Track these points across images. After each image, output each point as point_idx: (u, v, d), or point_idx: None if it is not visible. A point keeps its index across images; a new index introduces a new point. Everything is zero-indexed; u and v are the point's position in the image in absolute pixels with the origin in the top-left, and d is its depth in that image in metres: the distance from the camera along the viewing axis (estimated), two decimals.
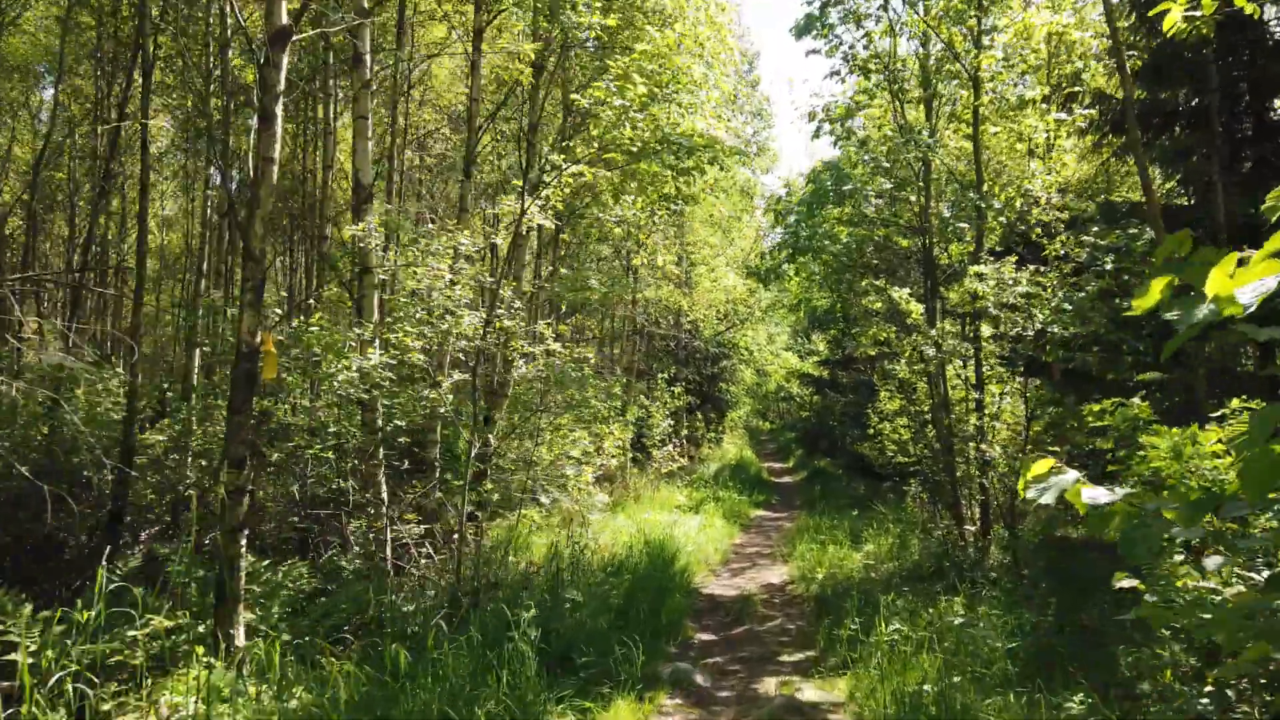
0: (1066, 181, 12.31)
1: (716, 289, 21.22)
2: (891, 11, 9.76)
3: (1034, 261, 7.80)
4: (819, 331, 24.22)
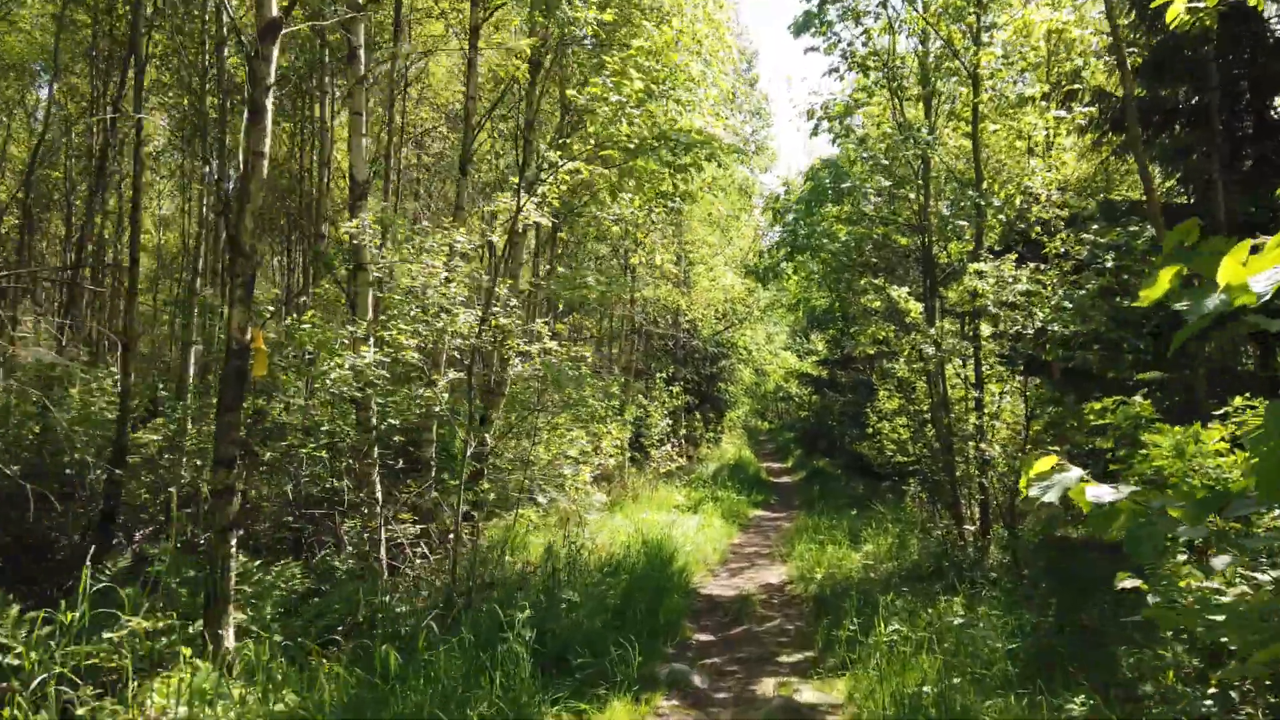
0: (1066, 180, 12.26)
1: (715, 288, 21.15)
2: (890, 8, 9.70)
3: (1034, 259, 7.75)
4: (818, 331, 24.17)
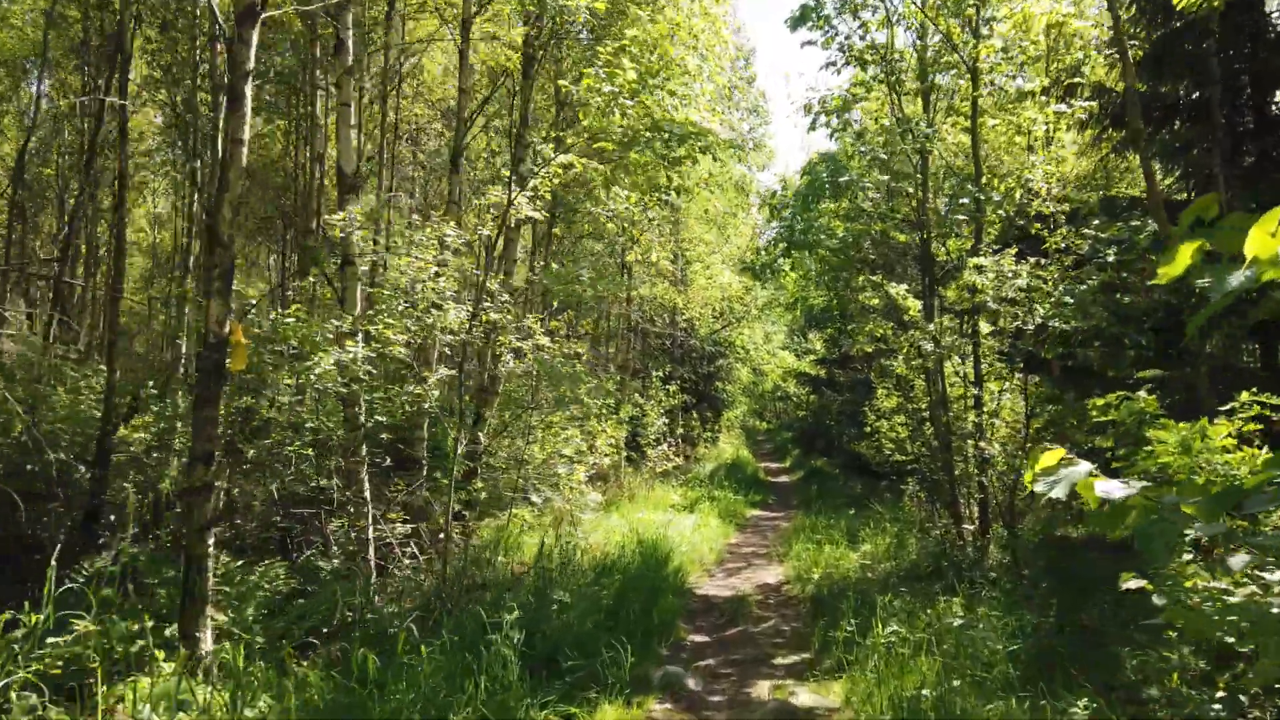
0: (1065, 177, 12.16)
1: (712, 286, 21.02)
2: (888, 2, 9.60)
3: (1034, 255, 7.64)
4: (816, 330, 24.05)
